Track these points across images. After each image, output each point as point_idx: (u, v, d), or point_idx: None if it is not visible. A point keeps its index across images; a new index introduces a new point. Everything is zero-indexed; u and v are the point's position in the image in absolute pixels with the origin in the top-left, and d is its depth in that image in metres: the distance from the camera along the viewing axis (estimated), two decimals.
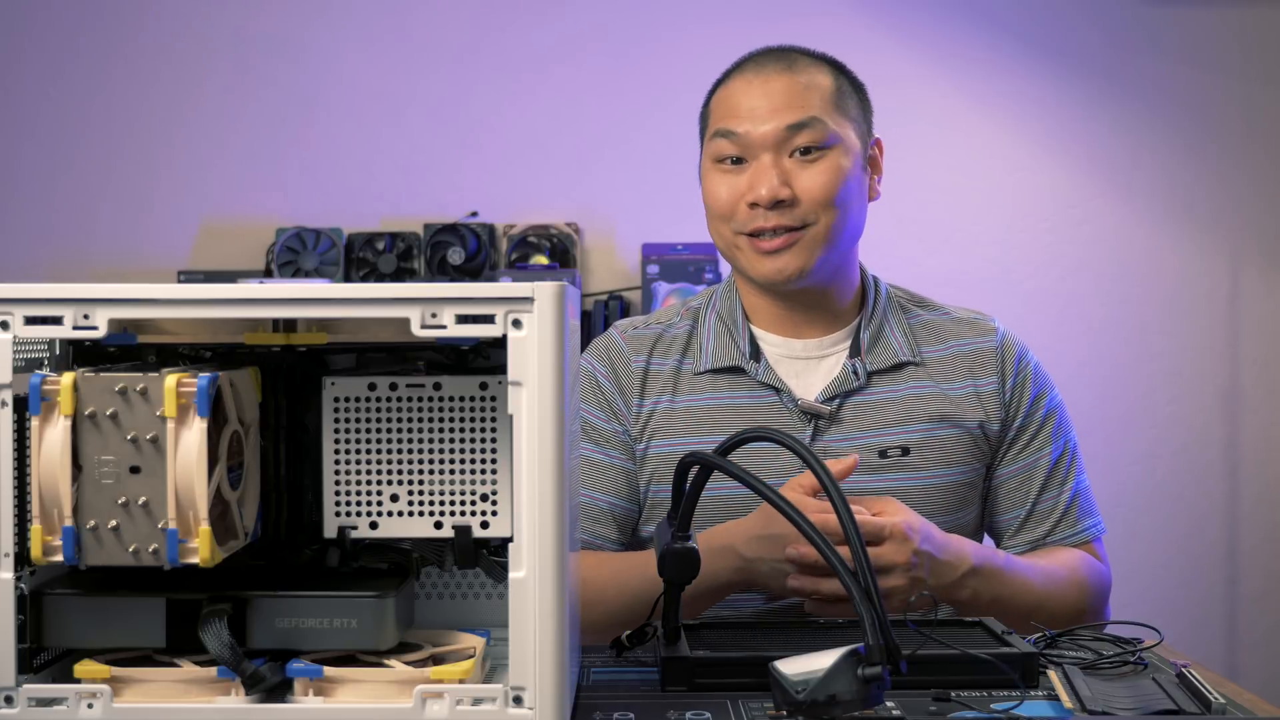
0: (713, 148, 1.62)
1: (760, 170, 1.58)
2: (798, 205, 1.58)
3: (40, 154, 3.31)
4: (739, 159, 1.60)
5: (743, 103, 1.60)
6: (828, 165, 1.58)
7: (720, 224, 1.62)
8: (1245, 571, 3.31)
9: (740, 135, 1.59)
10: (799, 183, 1.58)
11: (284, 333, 1.09)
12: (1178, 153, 3.30)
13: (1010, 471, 1.64)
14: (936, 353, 1.65)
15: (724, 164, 1.61)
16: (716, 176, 1.62)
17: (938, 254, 3.28)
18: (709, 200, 1.63)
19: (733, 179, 1.60)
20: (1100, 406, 3.27)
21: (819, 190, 1.58)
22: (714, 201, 1.62)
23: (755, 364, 1.63)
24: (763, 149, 1.58)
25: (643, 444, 1.64)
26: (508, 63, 3.29)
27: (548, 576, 0.99)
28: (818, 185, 1.58)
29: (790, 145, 1.58)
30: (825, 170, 1.58)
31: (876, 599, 0.99)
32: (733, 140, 1.60)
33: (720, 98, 1.64)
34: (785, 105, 1.58)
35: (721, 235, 1.63)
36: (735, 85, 1.63)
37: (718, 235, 1.64)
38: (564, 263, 3.21)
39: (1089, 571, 1.61)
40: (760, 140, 1.58)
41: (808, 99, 1.59)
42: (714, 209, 1.62)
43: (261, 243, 3.26)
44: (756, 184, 1.58)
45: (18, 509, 1.00)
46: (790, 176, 1.58)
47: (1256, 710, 1.09)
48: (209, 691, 1.01)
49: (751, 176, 1.59)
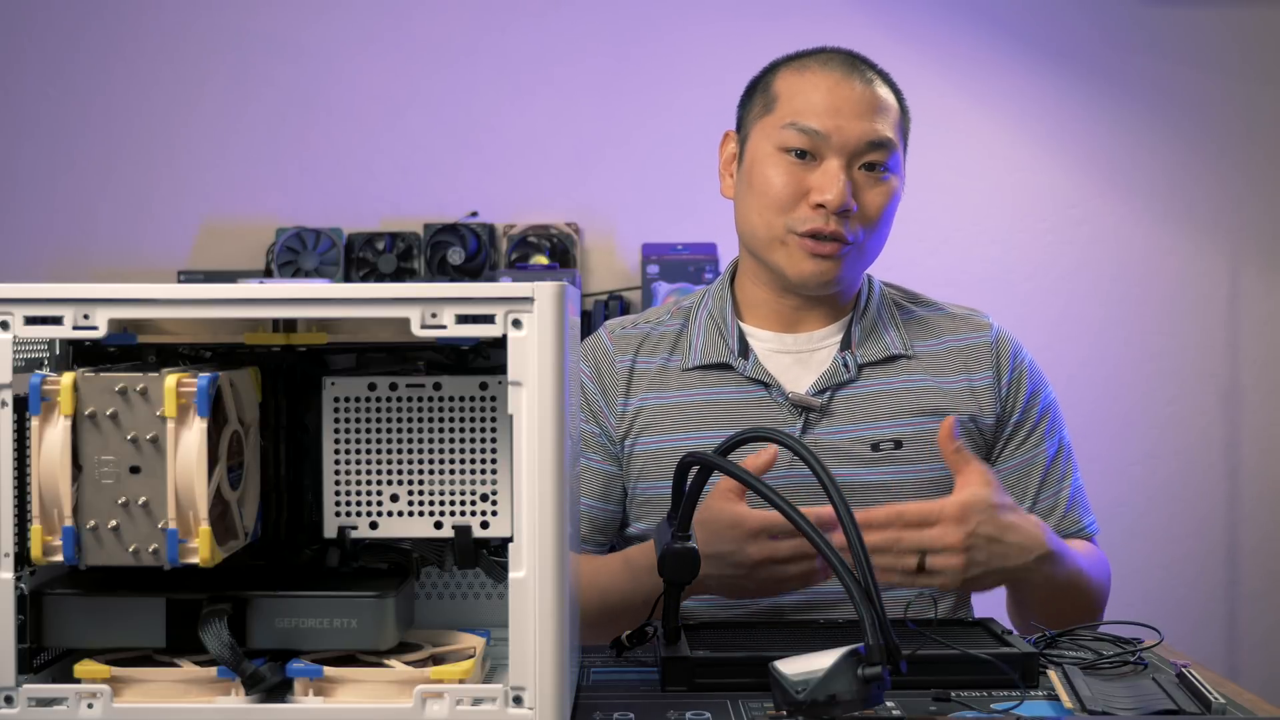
0: (782, 136, 1.58)
1: (832, 175, 1.56)
2: (855, 219, 1.57)
3: (40, 154, 3.31)
4: (804, 153, 1.58)
5: (824, 100, 1.57)
6: (889, 188, 1.60)
7: (771, 214, 1.59)
8: (1245, 571, 3.31)
9: (821, 134, 1.56)
10: (863, 197, 1.58)
11: (284, 333, 1.09)
12: (1178, 153, 3.30)
13: (1007, 468, 1.64)
14: (930, 347, 1.65)
15: (789, 154, 1.58)
16: (779, 165, 1.58)
17: (938, 254, 3.28)
18: (764, 187, 1.59)
19: (797, 171, 1.58)
20: (1100, 407, 3.27)
21: (876, 211, 1.59)
22: (771, 190, 1.58)
23: (744, 360, 1.62)
24: (837, 153, 1.57)
25: (629, 442, 1.63)
26: (508, 63, 3.29)
27: (548, 576, 0.99)
28: (876, 206, 1.59)
29: (862, 158, 1.58)
30: (886, 193, 1.60)
31: (876, 599, 0.99)
32: (808, 135, 1.57)
33: (794, 85, 1.60)
34: (868, 117, 1.57)
35: (770, 226, 1.59)
36: (815, 79, 1.60)
37: (765, 224, 1.60)
38: (564, 263, 3.20)
39: (1101, 562, 1.62)
40: (840, 145, 1.56)
41: (886, 118, 1.60)
42: (769, 197, 1.59)
43: (261, 243, 3.26)
44: (827, 187, 1.55)
45: (18, 509, 1.00)
46: (857, 189, 1.58)
47: (1256, 710, 1.09)
48: (209, 691, 1.01)
49: (821, 178, 1.56)
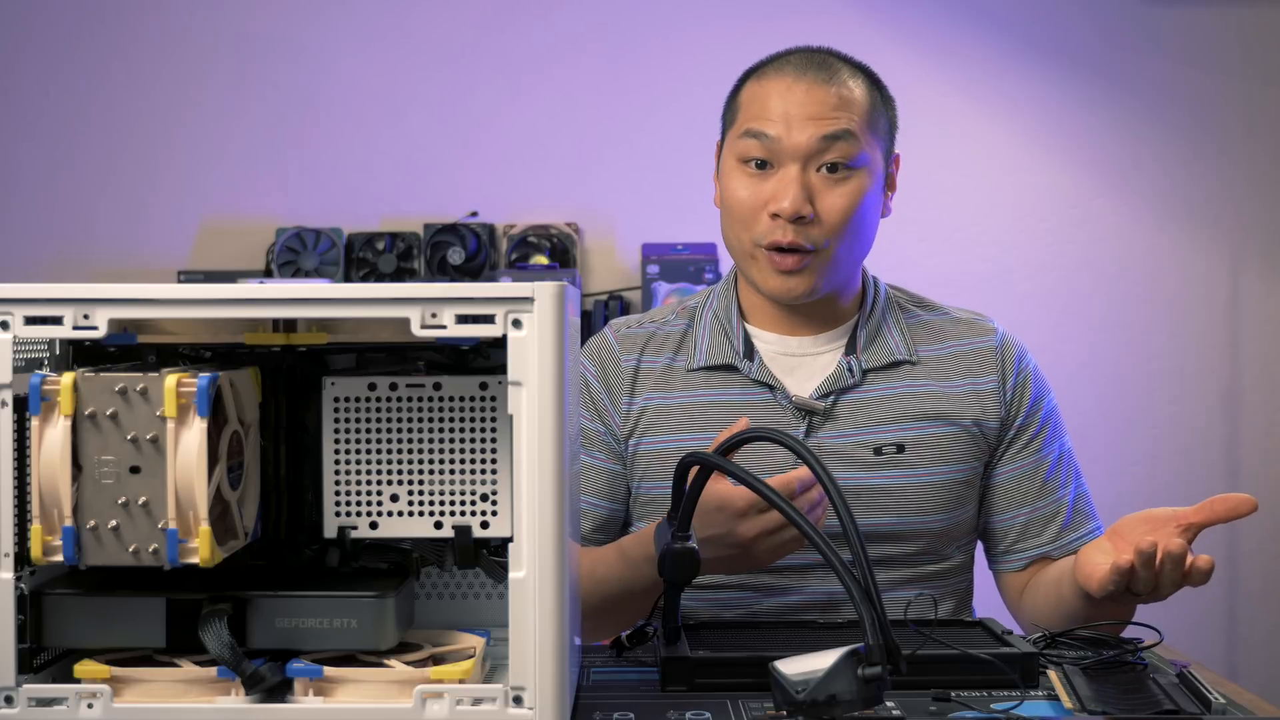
0: (739, 146, 1.58)
1: (786, 181, 1.54)
2: (817, 224, 1.55)
3: (40, 154, 3.31)
4: (764, 163, 1.56)
5: (777, 105, 1.56)
6: (851, 188, 1.56)
7: (739, 229, 1.58)
8: (1245, 572, 3.31)
9: (771, 139, 1.55)
10: (821, 201, 1.55)
11: (284, 333, 1.09)
12: (1178, 153, 3.30)
13: (1010, 471, 1.64)
14: (934, 352, 1.65)
15: (748, 166, 1.57)
16: (740, 178, 1.58)
17: (938, 254, 3.27)
18: (729, 201, 1.59)
19: (756, 183, 1.57)
20: (1101, 407, 3.27)
21: (838, 214, 1.55)
22: (734, 204, 1.58)
23: (749, 362, 1.62)
24: (791, 158, 1.55)
25: (633, 442, 1.63)
26: (508, 63, 3.29)
27: (548, 576, 0.99)
28: (838, 209, 1.55)
29: (820, 159, 1.55)
30: (848, 193, 1.56)
31: (876, 599, 0.99)
32: (762, 143, 1.55)
33: (753, 94, 1.59)
34: (821, 116, 1.55)
35: (740, 240, 1.59)
36: (771, 85, 1.58)
37: (735, 239, 1.60)
38: (564, 263, 3.21)
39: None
40: (791, 149, 1.55)
41: (845, 113, 1.56)
42: (734, 212, 1.58)
43: (261, 243, 3.26)
44: (780, 195, 1.54)
45: (18, 509, 1.00)
46: (814, 193, 1.55)
47: (1256, 710, 1.09)
48: (209, 691, 1.01)
49: (776, 186, 1.55)
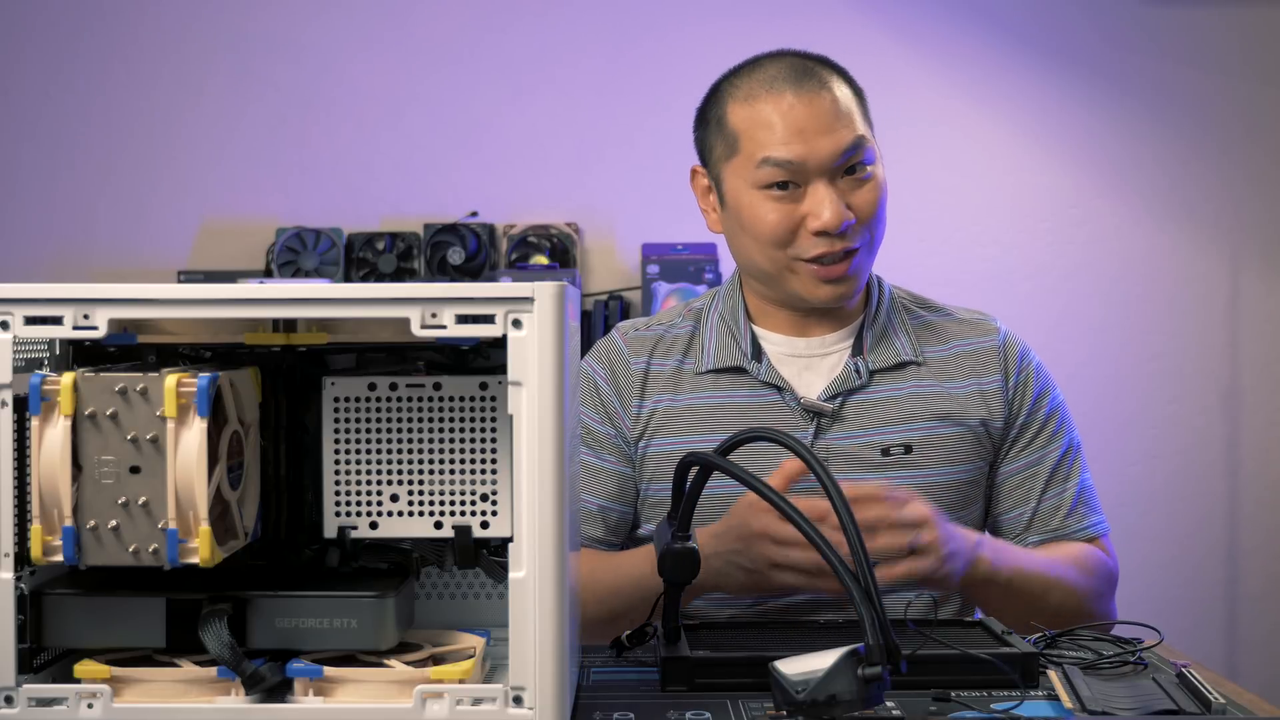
0: (758, 175, 1.56)
1: (821, 198, 1.55)
2: (855, 225, 1.57)
3: (40, 154, 3.31)
4: (785, 184, 1.56)
5: (785, 127, 1.55)
6: (875, 182, 1.59)
7: (772, 250, 1.58)
8: (1245, 572, 3.31)
9: (794, 162, 1.55)
10: (854, 201, 1.57)
11: (284, 333, 1.09)
12: (1178, 153, 3.30)
13: (1013, 469, 1.64)
14: (939, 353, 1.65)
15: (771, 190, 1.57)
16: (766, 204, 1.57)
17: (938, 254, 3.28)
18: (758, 227, 1.58)
19: (784, 205, 1.56)
20: (1101, 407, 3.27)
21: (869, 209, 1.58)
22: (765, 229, 1.57)
23: (757, 364, 1.62)
24: (817, 175, 1.55)
25: (643, 444, 1.64)
26: (508, 63, 3.29)
27: (548, 576, 0.99)
28: (869, 204, 1.58)
29: (842, 168, 1.57)
30: (874, 188, 1.58)
31: (876, 599, 0.99)
32: (784, 168, 1.55)
33: (750, 118, 1.58)
34: (833, 129, 1.55)
35: (772, 260, 1.59)
36: (766, 105, 1.57)
37: (768, 259, 1.59)
38: (564, 263, 3.21)
39: (1095, 561, 1.61)
40: (818, 166, 1.55)
41: (850, 117, 1.57)
42: (766, 236, 1.57)
43: (261, 243, 3.26)
44: (819, 211, 1.54)
45: (18, 509, 1.00)
46: (846, 196, 1.57)
47: (1256, 710, 1.09)
48: (209, 691, 1.01)
49: (811, 204, 1.55)
